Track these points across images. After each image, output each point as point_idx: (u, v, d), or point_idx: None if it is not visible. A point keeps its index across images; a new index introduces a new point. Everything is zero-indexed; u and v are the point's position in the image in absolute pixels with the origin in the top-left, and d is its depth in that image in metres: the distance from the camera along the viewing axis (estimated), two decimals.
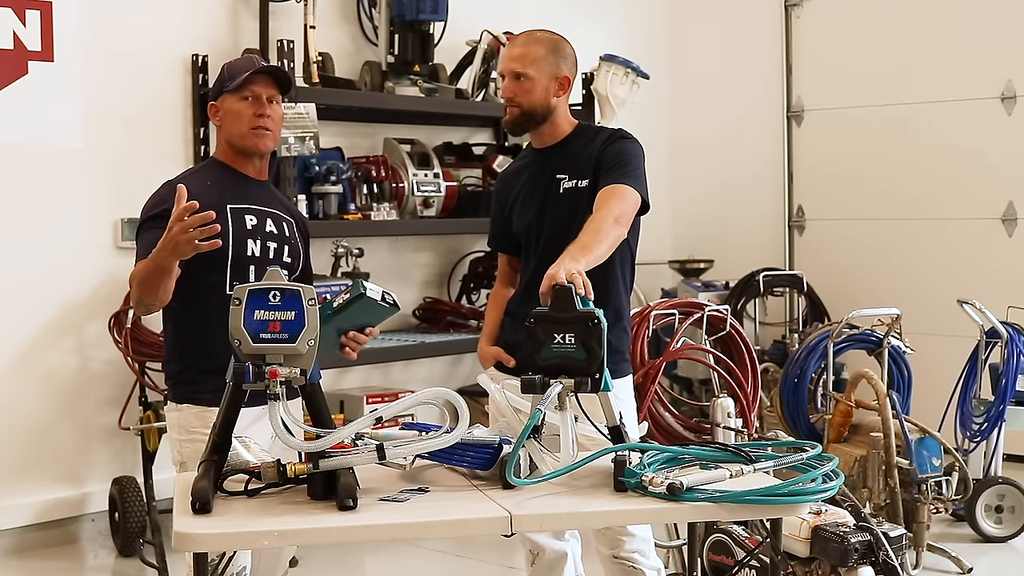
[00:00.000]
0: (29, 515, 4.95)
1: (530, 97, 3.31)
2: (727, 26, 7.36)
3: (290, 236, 3.22)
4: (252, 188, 3.21)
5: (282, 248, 3.18)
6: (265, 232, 3.15)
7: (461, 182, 5.91)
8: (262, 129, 3.15)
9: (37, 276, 4.94)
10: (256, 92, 3.15)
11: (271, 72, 3.19)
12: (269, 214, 3.19)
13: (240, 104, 3.15)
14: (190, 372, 3.12)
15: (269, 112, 3.16)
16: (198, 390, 3.08)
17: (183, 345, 3.15)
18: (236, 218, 3.11)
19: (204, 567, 2.36)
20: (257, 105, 3.15)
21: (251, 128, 3.14)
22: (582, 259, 2.83)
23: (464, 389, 5.60)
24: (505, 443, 2.61)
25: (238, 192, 3.17)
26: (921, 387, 5.12)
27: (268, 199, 3.24)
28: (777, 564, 2.69)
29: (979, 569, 4.61)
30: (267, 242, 3.15)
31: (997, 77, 6.30)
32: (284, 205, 3.32)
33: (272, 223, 3.18)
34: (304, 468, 2.43)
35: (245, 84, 3.14)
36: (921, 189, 6.61)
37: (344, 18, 5.86)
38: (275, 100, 3.18)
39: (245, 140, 3.16)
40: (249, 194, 3.18)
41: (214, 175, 3.19)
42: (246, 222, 3.13)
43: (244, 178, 3.20)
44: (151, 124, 5.15)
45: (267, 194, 3.26)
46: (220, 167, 3.22)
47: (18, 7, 4.84)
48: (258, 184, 3.24)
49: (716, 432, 3.95)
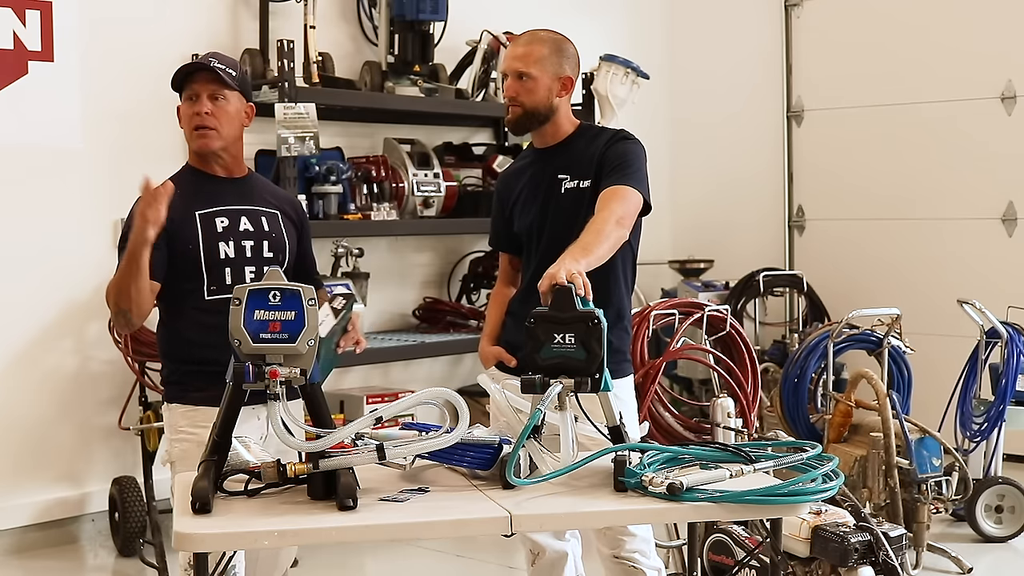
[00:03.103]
0: (29, 515, 4.95)
1: (533, 97, 3.31)
2: (727, 26, 7.36)
3: (271, 230, 3.18)
4: (224, 188, 3.17)
5: (260, 245, 3.15)
6: (239, 232, 3.13)
7: (461, 182, 5.91)
8: (204, 128, 3.09)
9: (37, 276, 4.94)
10: (195, 90, 3.10)
11: (201, 68, 3.10)
12: (243, 212, 3.15)
13: (185, 106, 3.12)
14: (176, 373, 3.16)
15: (208, 109, 3.08)
16: (185, 389, 3.12)
17: (169, 347, 3.19)
18: (205, 223, 3.09)
19: (204, 567, 2.36)
20: (197, 104, 3.09)
21: (191, 127, 3.10)
22: (583, 259, 2.83)
23: (464, 389, 5.60)
24: (505, 443, 2.61)
25: (207, 195, 3.13)
26: (921, 387, 5.12)
27: (244, 195, 3.19)
28: (777, 564, 2.69)
29: (979, 569, 4.61)
30: (241, 241, 3.12)
31: (997, 77, 6.30)
32: (267, 197, 3.25)
33: (247, 220, 3.15)
34: (304, 468, 2.43)
35: (185, 85, 3.10)
36: (921, 189, 6.61)
37: (344, 18, 5.86)
38: (220, 95, 3.10)
39: (191, 142, 3.14)
40: (220, 195, 3.15)
41: (184, 183, 3.11)
42: (216, 225, 3.10)
43: (214, 180, 3.17)
44: (151, 124, 5.15)
45: (243, 190, 3.20)
46: (192, 172, 3.19)
47: (18, 7, 4.84)
48: (232, 182, 3.19)
49: (716, 432, 3.95)
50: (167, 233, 2.99)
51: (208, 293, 3.09)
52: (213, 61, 3.11)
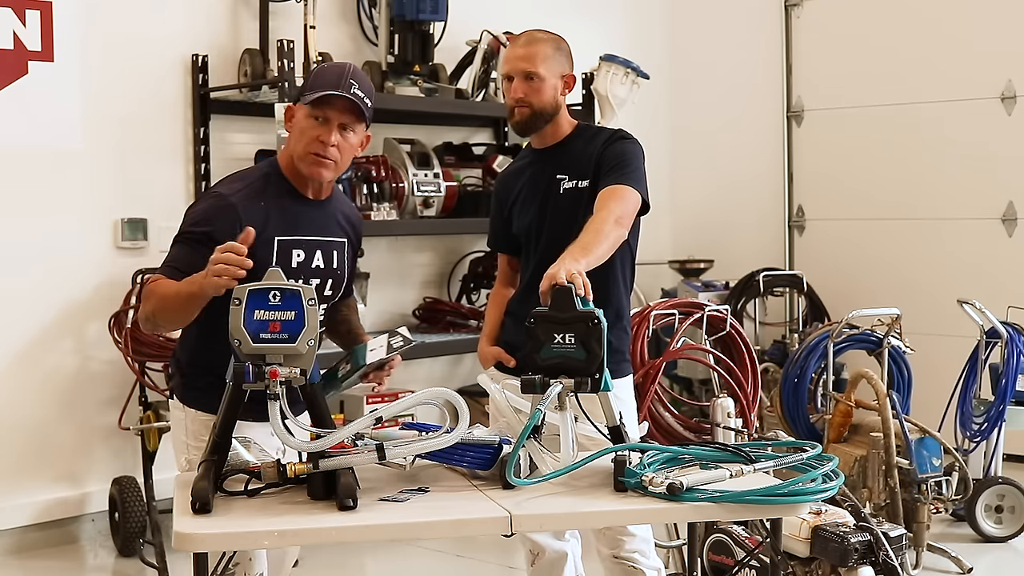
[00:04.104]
0: (29, 515, 4.95)
1: (541, 97, 3.31)
2: (727, 26, 7.36)
3: (338, 266, 3.01)
4: (308, 212, 2.95)
5: (325, 283, 2.98)
6: (310, 269, 2.94)
7: (461, 182, 5.90)
8: (322, 157, 2.87)
9: (37, 276, 4.94)
10: (328, 116, 2.86)
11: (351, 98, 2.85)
12: (320, 244, 2.96)
13: (309, 122, 2.87)
14: (203, 381, 2.95)
15: (337, 142, 2.86)
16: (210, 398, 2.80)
17: (199, 355, 2.98)
18: (282, 253, 2.88)
19: (204, 567, 2.36)
20: (324, 130, 2.86)
21: (310, 151, 2.87)
22: (582, 259, 2.83)
23: (464, 389, 5.60)
24: (505, 443, 2.61)
25: (291, 219, 2.91)
26: (921, 387, 5.12)
27: (324, 223, 2.99)
28: (777, 564, 2.69)
29: (979, 569, 4.61)
30: (309, 280, 2.92)
31: (997, 77, 6.30)
32: (341, 223, 3.05)
33: (321, 256, 2.97)
34: (304, 468, 2.43)
35: (321, 102, 2.85)
36: (921, 189, 6.61)
37: (344, 18, 5.86)
38: (350, 128, 2.89)
39: (302, 162, 2.90)
40: (302, 221, 2.93)
41: (271, 193, 2.92)
42: (292, 258, 2.90)
43: (301, 200, 2.95)
44: (151, 124, 5.15)
45: (324, 216, 3.00)
46: (279, 180, 2.96)
47: (18, 7, 4.83)
48: (315, 206, 2.98)
49: (716, 432, 3.95)
50: None
51: None
52: (355, 85, 2.86)
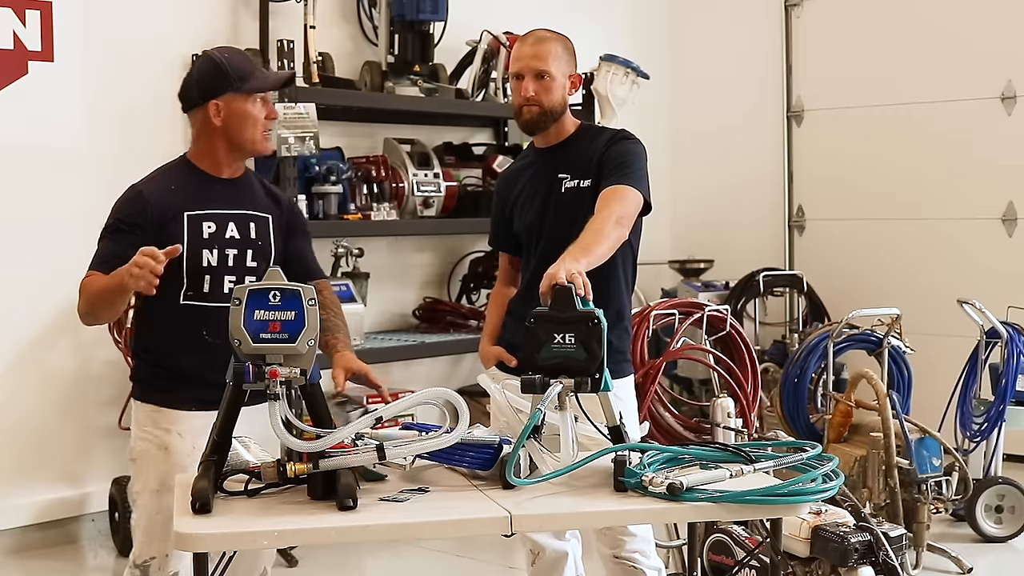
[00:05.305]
0: (29, 515, 4.95)
1: (551, 96, 3.32)
2: (727, 26, 7.36)
3: (257, 237, 3.09)
4: (218, 190, 3.08)
5: (244, 254, 3.05)
6: (224, 239, 3.03)
7: (461, 182, 5.91)
8: (269, 132, 3.09)
9: (37, 276, 4.93)
10: (267, 96, 3.08)
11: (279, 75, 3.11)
12: (232, 217, 3.06)
13: (248, 105, 3.04)
14: (142, 371, 3.11)
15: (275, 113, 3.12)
16: (150, 388, 3.07)
17: (137, 344, 3.15)
18: (192, 226, 3.00)
19: (204, 567, 2.36)
20: (268, 108, 3.08)
21: (264, 131, 3.07)
22: (583, 259, 2.83)
23: (464, 389, 5.60)
24: (505, 443, 2.61)
25: (201, 197, 3.05)
26: (921, 387, 5.12)
27: (236, 199, 3.10)
28: (777, 564, 2.69)
29: (979, 569, 4.61)
30: (225, 249, 3.02)
31: (997, 77, 6.30)
32: (259, 200, 3.16)
33: (235, 227, 3.06)
34: (304, 468, 2.43)
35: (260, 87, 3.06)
36: (921, 189, 6.61)
37: (344, 18, 5.86)
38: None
39: (256, 144, 3.08)
40: (213, 197, 3.06)
41: (181, 178, 3.08)
42: (203, 230, 3.01)
43: (211, 180, 3.09)
44: (151, 124, 5.14)
45: (236, 193, 3.12)
46: (189, 168, 3.11)
47: (18, 7, 4.83)
48: (227, 184, 3.11)
49: (716, 432, 3.95)
50: (154, 229, 2.95)
51: (183, 298, 2.99)
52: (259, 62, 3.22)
